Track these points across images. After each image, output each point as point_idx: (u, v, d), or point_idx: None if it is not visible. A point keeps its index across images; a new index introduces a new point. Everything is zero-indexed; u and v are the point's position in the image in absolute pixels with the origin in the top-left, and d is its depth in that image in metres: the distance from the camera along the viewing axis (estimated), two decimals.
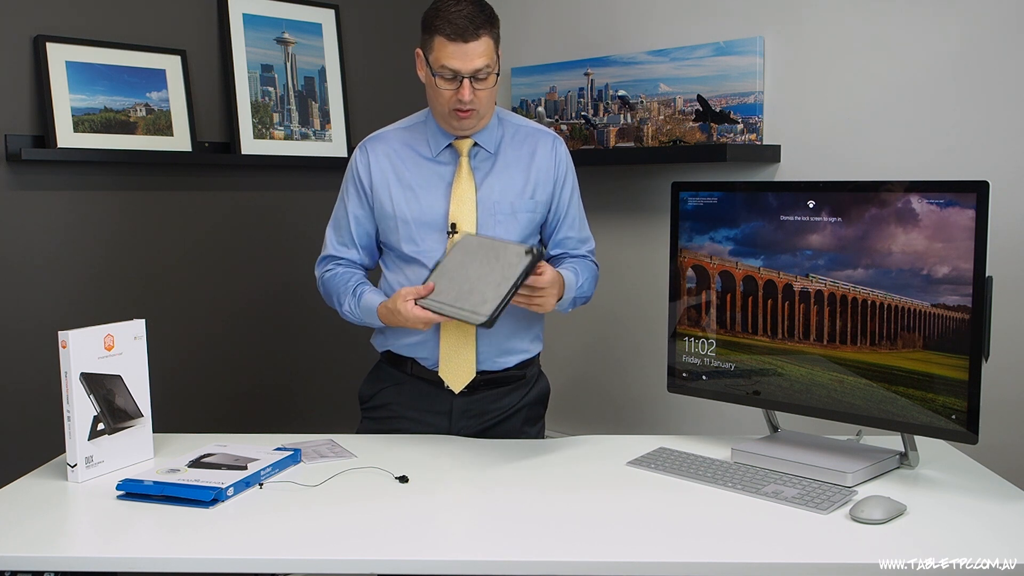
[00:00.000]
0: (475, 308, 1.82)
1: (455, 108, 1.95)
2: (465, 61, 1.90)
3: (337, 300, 2.09)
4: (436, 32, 1.91)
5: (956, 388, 1.63)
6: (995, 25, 2.31)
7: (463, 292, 1.86)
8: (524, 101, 3.30)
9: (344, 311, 2.08)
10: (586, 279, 2.09)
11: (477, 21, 1.90)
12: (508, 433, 2.12)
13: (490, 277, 1.85)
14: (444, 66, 1.92)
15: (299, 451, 1.87)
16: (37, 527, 1.54)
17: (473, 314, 1.81)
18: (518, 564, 1.41)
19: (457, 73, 1.92)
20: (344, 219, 2.11)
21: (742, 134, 2.73)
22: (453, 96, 1.94)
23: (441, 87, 1.94)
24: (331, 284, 2.11)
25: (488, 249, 1.89)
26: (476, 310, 1.81)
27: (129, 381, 1.83)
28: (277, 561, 1.43)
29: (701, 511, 1.60)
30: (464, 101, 1.93)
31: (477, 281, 1.86)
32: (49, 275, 2.67)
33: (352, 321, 2.08)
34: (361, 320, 2.06)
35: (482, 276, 1.86)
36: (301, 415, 3.22)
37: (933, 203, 1.64)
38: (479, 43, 1.90)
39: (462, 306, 1.85)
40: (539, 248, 1.85)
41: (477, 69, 1.92)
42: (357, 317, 2.06)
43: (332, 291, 2.10)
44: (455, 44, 1.89)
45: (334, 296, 2.10)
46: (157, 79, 2.82)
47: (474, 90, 1.93)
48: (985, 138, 2.34)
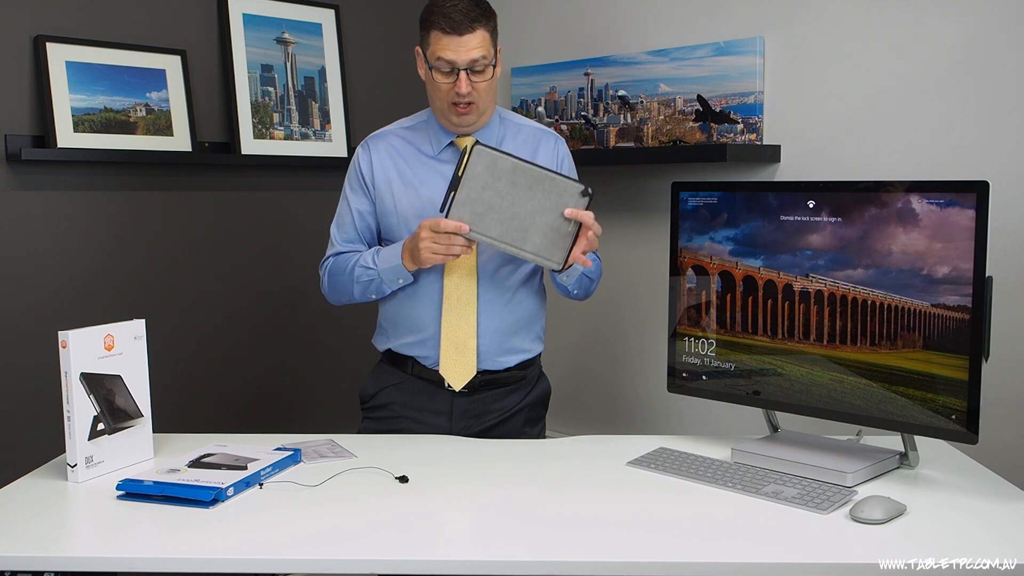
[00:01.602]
0: (538, 251, 1.84)
1: (453, 102, 1.96)
2: (460, 53, 1.91)
3: (346, 273, 2.03)
4: (432, 26, 1.93)
5: (956, 388, 1.63)
6: (995, 25, 2.31)
7: (513, 228, 1.83)
8: (524, 101, 3.30)
9: (356, 274, 2.01)
10: (596, 265, 2.10)
11: (472, 14, 1.92)
12: (509, 434, 2.12)
13: (545, 217, 1.84)
14: (440, 58, 1.93)
15: (299, 451, 1.86)
16: (37, 527, 1.54)
17: (540, 258, 1.84)
18: (518, 564, 1.41)
19: (453, 65, 1.92)
20: (348, 215, 2.10)
21: (742, 134, 2.73)
22: (451, 89, 1.95)
23: (438, 80, 1.95)
24: (338, 264, 2.07)
25: (535, 181, 1.84)
26: (540, 253, 1.84)
27: (129, 381, 1.83)
28: (277, 561, 1.43)
29: (701, 511, 1.60)
30: (461, 94, 1.93)
31: (529, 218, 1.83)
32: (49, 275, 2.67)
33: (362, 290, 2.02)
34: (378, 276, 1.99)
35: (535, 213, 1.83)
36: (301, 415, 3.22)
37: (933, 203, 1.64)
38: (474, 35, 1.92)
39: (519, 245, 1.85)
40: (591, 189, 1.84)
41: (473, 60, 1.92)
42: (374, 273, 2.00)
43: (340, 269, 2.05)
44: (450, 36, 1.91)
45: (344, 271, 2.04)
46: (157, 79, 2.82)
47: (471, 83, 1.94)
48: (985, 138, 2.34)
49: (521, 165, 1.85)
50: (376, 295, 2.05)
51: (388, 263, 1.99)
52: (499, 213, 1.85)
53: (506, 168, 1.84)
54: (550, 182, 1.85)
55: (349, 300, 2.09)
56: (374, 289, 2.03)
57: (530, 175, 1.85)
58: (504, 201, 1.84)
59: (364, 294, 2.05)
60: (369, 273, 2.01)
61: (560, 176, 1.86)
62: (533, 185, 1.84)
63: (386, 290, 2.03)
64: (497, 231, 1.86)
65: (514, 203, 1.84)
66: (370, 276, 2.02)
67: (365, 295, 2.06)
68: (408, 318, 2.07)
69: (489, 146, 1.85)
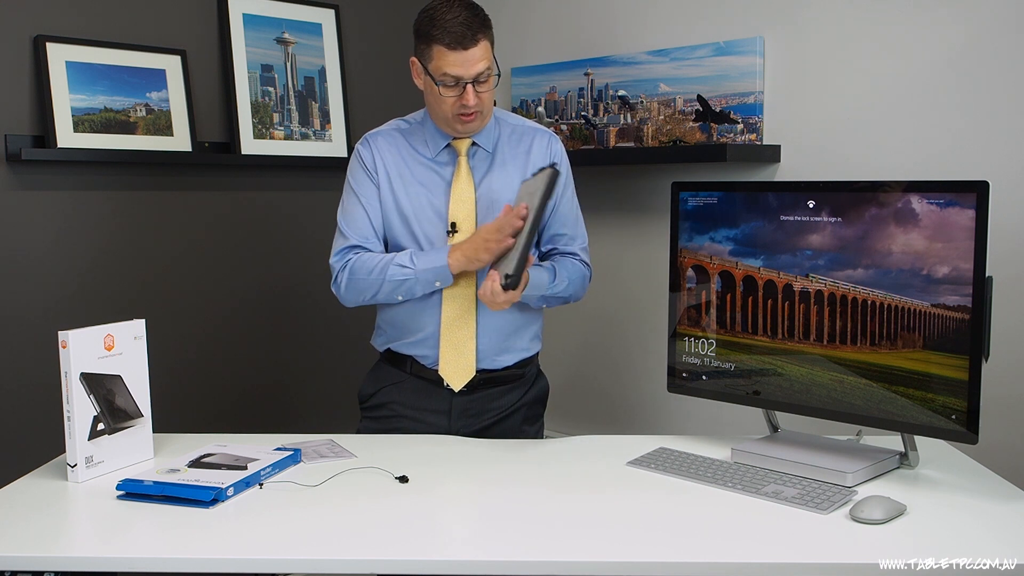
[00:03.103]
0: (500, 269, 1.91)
1: (459, 113, 1.96)
2: (467, 67, 1.91)
3: (375, 271, 1.98)
4: (434, 41, 1.91)
5: (956, 388, 1.63)
6: (995, 25, 2.31)
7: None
8: (524, 101, 3.30)
9: (388, 273, 1.97)
10: (565, 278, 2.05)
11: (474, 27, 1.90)
12: (507, 432, 2.12)
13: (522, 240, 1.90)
14: (447, 74, 1.92)
15: (299, 451, 1.87)
16: (37, 527, 1.54)
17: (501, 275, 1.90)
18: (518, 564, 1.41)
19: (460, 80, 1.92)
20: (358, 208, 2.05)
21: (742, 134, 2.73)
22: (457, 102, 1.94)
23: (444, 95, 1.95)
24: (364, 263, 2.01)
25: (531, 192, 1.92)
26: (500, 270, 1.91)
27: (129, 381, 1.83)
28: (277, 561, 1.43)
29: (701, 511, 1.60)
30: (469, 106, 1.93)
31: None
32: (49, 275, 2.67)
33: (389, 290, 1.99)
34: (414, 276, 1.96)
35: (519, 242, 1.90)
36: (301, 415, 3.22)
37: (933, 203, 1.64)
38: (478, 48, 1.91)
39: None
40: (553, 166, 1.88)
41: (479, 73, 1.93)
42: (410, 272, 1.96)
43: (366, 267, 2.00)
44: (455, 52, 1.90)
45: (372, 269, 1.99)
46: (157, 79, 2.82)
47: (477, 93, 1.94)
48: (985, 138, 2.34)
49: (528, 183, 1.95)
50: (405, 296, 2.00)
51: (429, 263, 1.95)
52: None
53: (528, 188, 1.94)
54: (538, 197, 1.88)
55: (368, 300, 2.04)
56: (405, 290, 1.99)
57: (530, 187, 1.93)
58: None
59: (391, 294, 2.00)
60: (405, 272, 1.97)
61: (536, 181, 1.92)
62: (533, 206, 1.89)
63: (418, 292, 1.99)
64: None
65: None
66: (405, 275, 1.97)
67: (392, 295, 2.00)
68: (407, 319, 2.07)
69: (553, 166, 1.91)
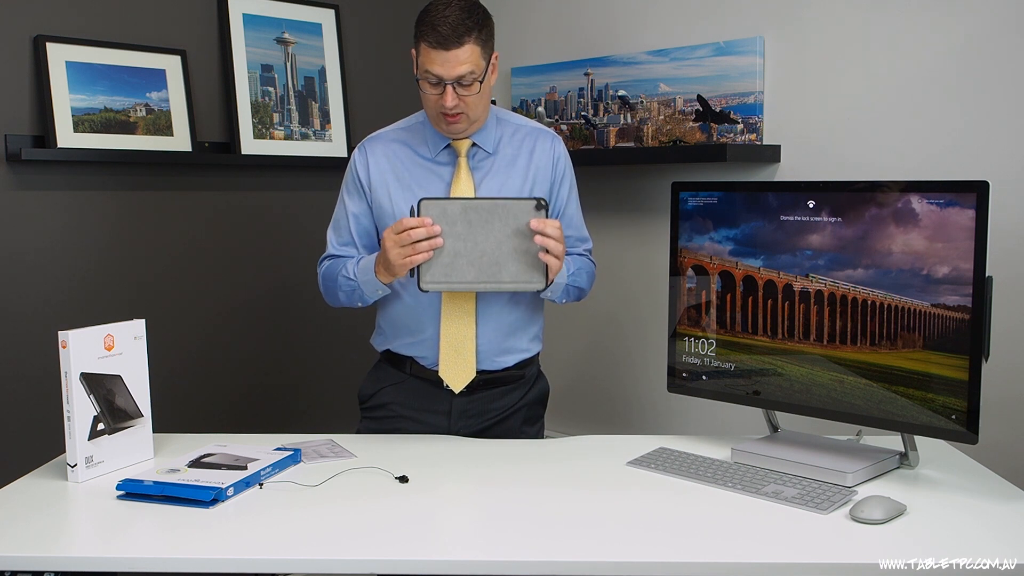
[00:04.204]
0: (517, 279, 1.86)
1: (442, 112, 1.95)
2: (447, 68, 1.90)
3: (334, 280, 2.04)
4: (421, 38, 1.91)
5: (956, 388, 1.63)
6: (995, 25, 2.31)
7: (485, 265, 1.84)
8: (524, 101, 3.30)
9: (339, 283, 2.02)
10: (579, 270, 2.08)
11: (461, 28, 1.88)
12: (507, 432, 2.12)
13: (511, 244, 1.84)
14: (428, 71, 1.92)
15: (299, 451, 1.86)
16: (37, 527, 1.54)
17: (521, 284, 1.86)
18: (518, 564, 1.41)
19: (440, 79, 1.91)
20: (344, 219, 2.10)
21: (742, 134, 2.73)
22: (438, 100, 1.94)
23: (426, 91, 1.95)
24: (328, 269, 2.08)
25: (488, 213, 1.84)
26: (520, 279, 1.86)
27: (129, 381, 1.83)
28: (277, 561, 1.43)
29: (701, 511, 1.60)
30: (447, 107, 1.93)
31: (496, 250, 1.84)
32: (49, 275, 2.67)
33: (347, 298, 2.03)
34: (358, 287, 1.99)
35: (500, 243, 1.84)
36: (301, 415, 3.22)
37: (933, 203, 1.64)
38: (462, 50, 1.89)
39: (497, 280, 1.86)
40: (543, 200, 1.85)
41: (460, 76, 1.90)
42: (354, 284, 2.00)
43: (330, 274, 2.06)
44: (437, 51, 1.89)
45: (333, 277, 2.05)
46: (157, 79, 2.82)
47: (458, 96, 1.92)
48: (985, 138, 2.34)
49: (470, 203, 1.85)
50: (361, 303, 2.05)
51: (366, 275, 1.98)
52: (467, 257, 1.85)
53: (456, 211, 1.84)
54: (503, 209, 1.84)
55: (343, 304, 2.09)
56: (357, 298, 2.04)
57: (481, 209, 1.85)
58: (467, 243, 1.85)
59: (350, 301, 2.06)
60: (350, 283, 2.02)
61: (509, 200, 1.86)
62: (488, 218, 1.84)
63: (368, 299, 2.03)
64: (472, 275, 1.86)
65: (477, 242, 1.85)
66: (351, 286, 2.02)
67: (351, 302, 2.06)
68: (407, 320, 2.07)
69: (432, 198, 1.86)
